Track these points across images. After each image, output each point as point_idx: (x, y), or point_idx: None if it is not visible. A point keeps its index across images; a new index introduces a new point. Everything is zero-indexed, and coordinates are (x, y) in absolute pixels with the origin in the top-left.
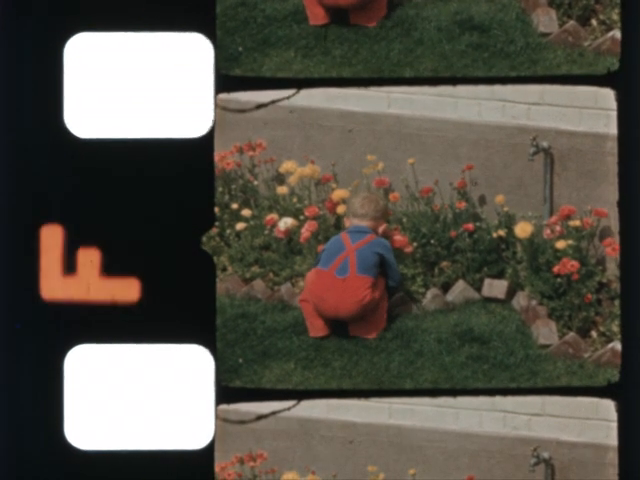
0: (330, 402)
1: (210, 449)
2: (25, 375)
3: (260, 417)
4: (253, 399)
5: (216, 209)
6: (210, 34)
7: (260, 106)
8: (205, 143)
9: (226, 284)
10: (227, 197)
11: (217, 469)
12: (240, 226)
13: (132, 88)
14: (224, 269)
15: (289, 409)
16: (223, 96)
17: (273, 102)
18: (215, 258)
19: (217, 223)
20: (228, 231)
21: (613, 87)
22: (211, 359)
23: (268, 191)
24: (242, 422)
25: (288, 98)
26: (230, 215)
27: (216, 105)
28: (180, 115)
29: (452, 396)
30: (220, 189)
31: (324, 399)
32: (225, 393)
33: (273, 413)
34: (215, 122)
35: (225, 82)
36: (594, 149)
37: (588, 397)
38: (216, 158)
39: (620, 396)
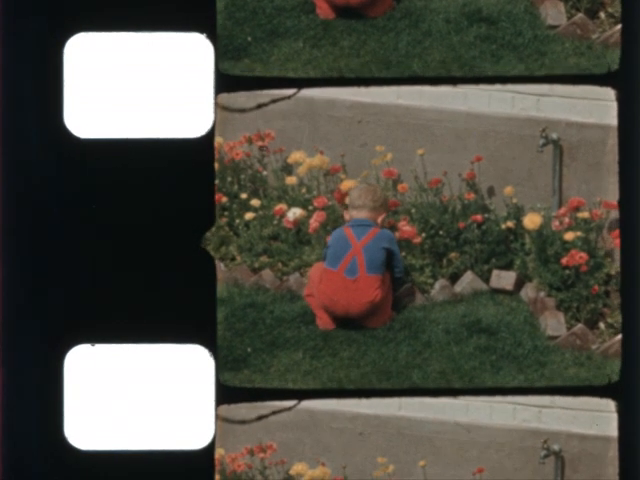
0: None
1: (210, 449)
2: (25, 375)
3: (261, 417)
4: (253, 399)
5: (225, 199)
6: (210, 34)
7: (261, 105)
8: (205, 143)
9: (235, 274)
10: (236, 187)
11: (227, 460)
12: (249, 216)
13: (132, 88)
14: (233, 259)
15: (290, 409)
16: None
17: (274, 101)
18: (224, 248)
19: (226, 213)
20: (237, 221)
21: (613, 86)
22: (211, 359)
23: (277, 181)
24: (242, 422)
25: (289, 97)
26: (239, 205)
27: (216, 105)
28: (180, 115)
29: (452, 395)
30: (229, 179)
31: (327, 397)
32: (225, 393)
33: (274, 413)
34: (215, 119)
35: (225, 82)
36: (604, 141)
37: (587, 397)
38: (225, 148)
39: (619, 395)
